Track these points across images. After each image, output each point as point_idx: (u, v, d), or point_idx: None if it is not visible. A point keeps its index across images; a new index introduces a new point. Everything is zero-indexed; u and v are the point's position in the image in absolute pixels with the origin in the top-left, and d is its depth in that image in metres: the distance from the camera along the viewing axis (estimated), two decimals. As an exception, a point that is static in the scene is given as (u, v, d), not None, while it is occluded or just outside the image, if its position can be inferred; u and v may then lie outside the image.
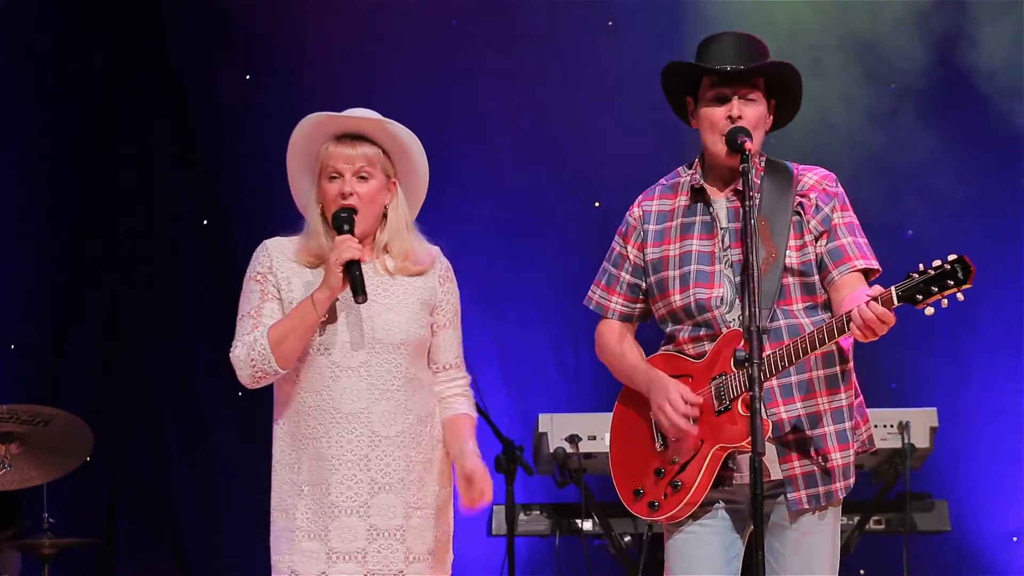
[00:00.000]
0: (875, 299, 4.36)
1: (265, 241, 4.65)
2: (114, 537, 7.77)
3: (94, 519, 7.66)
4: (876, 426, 6.29)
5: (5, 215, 7.84)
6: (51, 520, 6.64)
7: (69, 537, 6.78)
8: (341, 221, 4.51)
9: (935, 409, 6.70)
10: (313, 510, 4.57)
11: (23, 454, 6.34)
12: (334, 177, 4.55)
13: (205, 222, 7.43)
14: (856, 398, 4.66)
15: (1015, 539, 7.78)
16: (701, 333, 4.62)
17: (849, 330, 4.39)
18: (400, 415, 4.59)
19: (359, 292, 4.45)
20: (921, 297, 4.34)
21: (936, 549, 7.47)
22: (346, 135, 4.57)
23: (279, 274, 4.61)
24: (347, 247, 4.45)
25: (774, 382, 4.55)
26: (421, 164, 4.66)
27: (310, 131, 4.59)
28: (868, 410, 4.92)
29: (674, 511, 4.59)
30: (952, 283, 4.33)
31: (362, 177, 4.54)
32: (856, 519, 6.54)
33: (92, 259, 7.99)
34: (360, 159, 4.53)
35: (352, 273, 4.46)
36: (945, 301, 4.35)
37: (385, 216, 4.63)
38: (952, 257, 4.35)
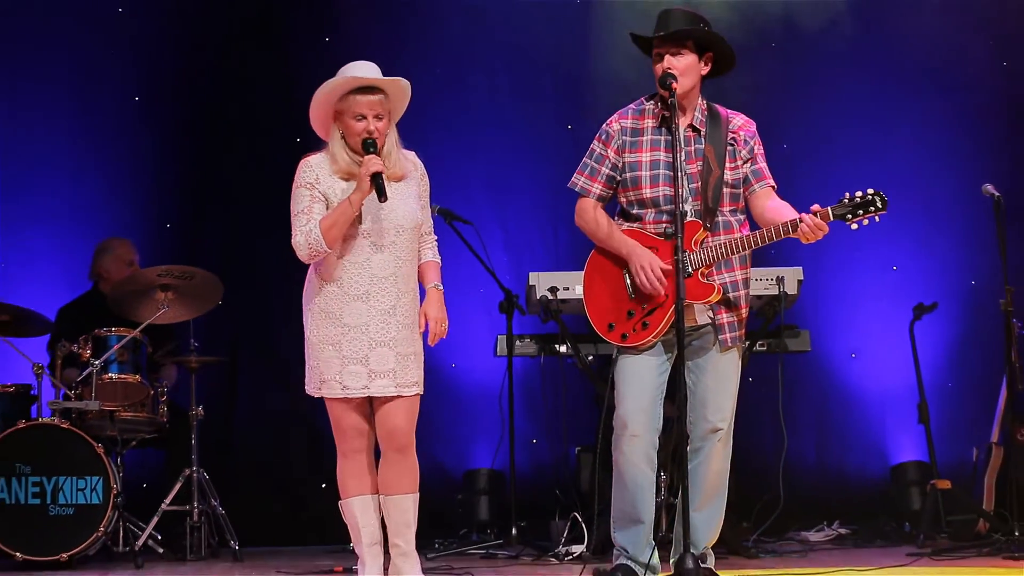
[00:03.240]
0: (815, 214, 4.82)
1: (308, 159, 5.09)
2: (237, 356, 8.59)
3: (224, 344, 8.40)
4: (761, 280, 7.02)
5: (158, 145, 8.63)
6: (195, 344, 7.54)
7: (208, 356, 7.65)
8: (368, 145, 5.02)
9: (801, 268, 7.22)
10: (354, 344, 5.04)
11: (176, 299, 7.33)
12: (359, 118, 5.04)
13: (298, 140, 7.42)
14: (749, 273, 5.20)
15: (853, 355, 8.64)
16: (664, 219, 5.08)
17: (794, 233, 4.84)
18: (413, 277, 5.16)
19: (382, 194, 4.95)
20: (851, 217, 4.83)
21: (801, 364, 8.24)
22: (365, 88, 5.05)
23: (325, 183, 5.05)
24: (374, 163, 4.98)
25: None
26: (407, 99, 5.15)
27: (338, 87, 5.05)
28: (755, 269, 5.50)
29: (642, 342, 5.08)
30: (873, 209, 4.82)
31: (378, 116, 5.07)
32: (747, 343, 6.89)
33: (218, 167, 8.70)
34: (378, 105, 5.06)
35: (377, 181, 4.96)
36: (867, 221, 4.84)
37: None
38: (871, 191, 4.84)
